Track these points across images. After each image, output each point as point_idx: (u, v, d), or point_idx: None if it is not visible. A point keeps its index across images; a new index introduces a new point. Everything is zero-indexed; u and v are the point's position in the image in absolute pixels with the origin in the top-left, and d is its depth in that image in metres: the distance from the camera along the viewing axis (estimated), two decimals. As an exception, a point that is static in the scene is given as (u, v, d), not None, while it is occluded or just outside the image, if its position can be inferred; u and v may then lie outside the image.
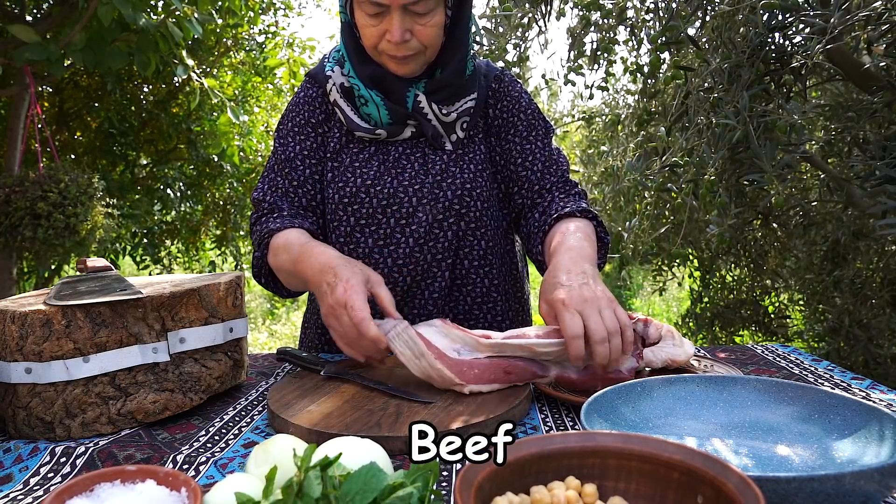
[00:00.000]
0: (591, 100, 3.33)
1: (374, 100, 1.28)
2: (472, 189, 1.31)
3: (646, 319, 1.10)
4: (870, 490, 0.62)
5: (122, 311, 0.99)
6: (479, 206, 1.32)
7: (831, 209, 2.89)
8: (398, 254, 1.31)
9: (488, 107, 1.37)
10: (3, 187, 3.15)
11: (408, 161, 1.32)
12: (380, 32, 1.20)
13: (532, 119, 1.38)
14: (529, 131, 1.37)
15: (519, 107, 1.38)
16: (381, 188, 1.30)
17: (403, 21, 1.17)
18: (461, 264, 1.34)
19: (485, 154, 1.36)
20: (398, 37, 1.17)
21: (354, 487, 0.57)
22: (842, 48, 2.08)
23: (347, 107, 1.31)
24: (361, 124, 1.30)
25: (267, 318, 8.11)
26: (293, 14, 6.02)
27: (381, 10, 1.17)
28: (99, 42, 3.36)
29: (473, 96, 1.32)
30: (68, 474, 0.86)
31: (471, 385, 1.04)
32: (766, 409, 0.87)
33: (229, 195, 5.58)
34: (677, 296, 7.49)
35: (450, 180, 1.31)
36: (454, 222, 1.31)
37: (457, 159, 1.32)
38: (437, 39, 1.23)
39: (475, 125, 1.36)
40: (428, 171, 1.31)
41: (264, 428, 1.01)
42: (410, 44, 1.20)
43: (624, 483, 0.63)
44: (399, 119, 1.29)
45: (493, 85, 1.37)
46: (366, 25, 1.21)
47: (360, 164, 1.32)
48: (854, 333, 2.68)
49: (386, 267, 1.32)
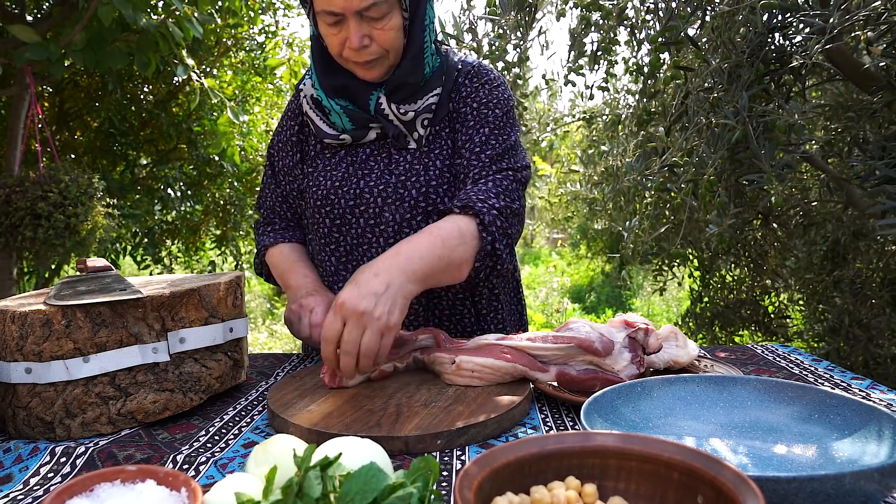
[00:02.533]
0: (592, 100, 3.33)
1: (334, 109, 1.32)
2: (437, 186, 1.31)
3: (646, 329, 1.09)
4: (870, 490, 0.62)
5: (122, 311, 0.99)
6: (447, 202, 1.32)
7: (831, 209, 2.89)
8: (372, 253, 1.34)
9: (451, 101, 1.36)
10: (3, 187, 3.14)
11: (374, 162, 1.34)
12: (341, 40, 1.22)
13: (484, 109, 1.32)
14: (479, 125, 1.31)
15: (475, 98, 1.33)
16: (348, 189, 1.33)
17: (360, 27, 1.19)
18: None
19: (451, 149, 1.35)
20: (356, 42, 1.20)
21: (354, 487, 0.57)
22: (841, 48, 2.08)
23: (316, 116, 1.36)
24: (328, 131, 1.35)
25: (267, 318, 8.11)
26: (293, 14, 6.01)
27: (337, 18, 1.19)
28: (99, 42, 3.36)
29: (436, 92, 1.32)
30: (68, 474, 0.86)
31: (461, 356, 1.05)
32: (766, 409, 0.87)
33: (229, 195, 5.58)
34: (677, 296, 7.49)
35: (413, 178, 1.31)
36: (422, 220, 1.31)
37: (421, 157, 1.33)
38: (397, 42, 1.25)
39: (440, 120, 1.35)
40: (392, 171, 1.33)
41: (264, 428, 1.01)
42: (370, 49, 1.22)
43: (624, 483, 0.63)
44: (361, 123, 1.32)
45: (459, 80, 1.36)
46: (328, 35, 1.24)
47: (330, 168, 1.36)
48: (854, 333, 2.68)
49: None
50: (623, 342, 1.06)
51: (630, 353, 1.06)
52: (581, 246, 8.69)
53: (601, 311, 8.29)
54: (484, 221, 1.18)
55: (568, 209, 5.12)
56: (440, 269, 1.11)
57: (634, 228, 2.95)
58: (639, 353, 1.06)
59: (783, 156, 1.89)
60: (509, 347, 1.07)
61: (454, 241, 1.13)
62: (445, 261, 1.11)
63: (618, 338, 1.06)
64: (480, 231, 1.18)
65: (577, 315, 8.20)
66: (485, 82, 1.36)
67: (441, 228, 1.15)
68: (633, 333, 1.07)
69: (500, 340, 1.09)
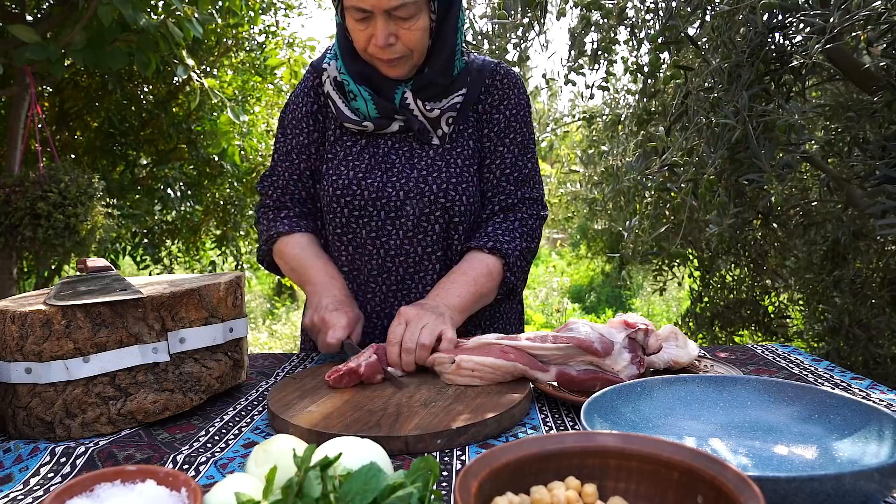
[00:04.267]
0: (592, 99, 3.33)
1: (362, 95, 1.32)
2: (457, 184, 1.34)
3: (646, 329, 1.09)
4: (870, 490, 0.62)
5: (122, 311, 0.99)
6: (465, 200, 1.34)
7: (831, 209, 2.89)
8: (389, 245, 1.35)
9: (479, 102, 1.38)
10: (3, 187, 3.15)
11: (396, 155, 1.35)
12: (367, 36, 1.24)
13: (513, 121, 1.39)
14: (507, 132, 1.38)
15: (507, 104, 1.39)
16: (370, 181, 1.34)
17: (387, 25, 1.21)
18: (451, 257, 1.38)
19: (473, 149, 1.38)
20: (382, 41, 1.21)
21: (354, 487, 0.57)
22: (842, 48, 2.08)
23: (339, 99, 1.35)
24: (350, 116, 1.34)
25: (267, 318, 8.11)
26: (293, 14, 6.02)
27: (366, 15, 1.21)
28: (99, 42, 3.36)
29: (461, 93, 1.34)
30: (68, 474, 0.86)
31: (461, 355, 1.05)
32: (766, 409, 0.87)
33: (229, 195, 5.58)
34: (677, 296, 7.49)
35: (435, 174, 1.33)
36: (440, 215, 1.34)
37: (444, 154, 1.35)
38: (422, 43, 1.26)
39: (464, 120, 1.37)
40: (414, 165, 1.34)
41: (264, 428, 1.01)
42: (395, 47, 1.24)
43: (624, 483, 0.63)
44: (386, 113, 1.33)
45: (487, 80, 1.39)
46: (354, 29, 1.25)
47: (352, 158, 1.36)
48: (854, 333, 2.68)
49: (379, 258, 1.37)
50: (623, 342, 1.06)
51: (630, 354, 1.05)
52: (581, 246, 8.70)
53: (601, 312, 8.29)
54: (509, 262, 1.34)
55: (568, 209, 5.12)
56: (474, 301, 1.29)
57: (634, 228, 2.95)
58: (639, 354, 1.06)
59: (783, 156, 1.89)
60: (509, 347, 1.07)
61: (483, 279, 1.30)
62: (477, 296, 1.29)
63: (618, 338, 1.06)
64: (505, 271, 1.34)
65: (577, 315, 8.20)
66: (514, 85, 1.40)
67: (474, 269, 1.31)
68: (633, 334, 1.07)
69: (501, 340, 1.10)
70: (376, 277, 1.38)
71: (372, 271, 1.37)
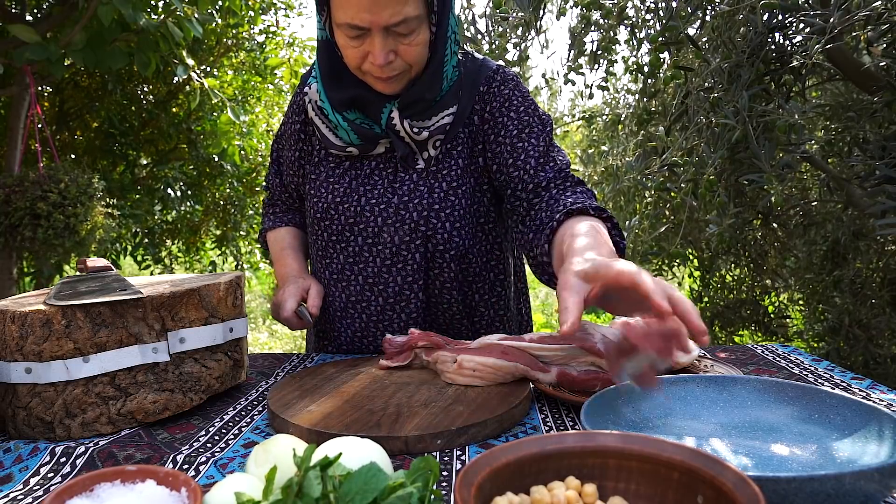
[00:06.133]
0: (592, 99, 3.33)
1: (341, 125, 1.25)
2: (439, 210, 1.26)
3: None
4: (870, 490, 0.62)
5: (122, 311, 0.99)
6: (448, 227, 1.27)
7: (831, 209, 2.89)
8: (367, 273, 1.31)
9: (473, 113, 1.29)
10: (3, 187, 3.15)
11: (378, 178, 1.29)
12: (362, 54, 1.14)
13: (525, 116, 1.28)
14: (521, 129, 1.27)
15: (510, 105, 1.28)
16: (348, 206, 1.29)
17: (386, 42, 1.11)
18: (434, 286, 1.31)
19: (463, 168, 1.29)
20: (382, 59, 1.12)
21: (354, 487, 0.57)
22: (842, 48, 2.08)
23: (323, 125, 1.30)
24: (335, 142, 1.29)
25: (267, 318, 8.10)
26: (293, 14, 6.02)
27: (361, 32, 1.11)
28: (99, 42, 3.36)
29: (452, 111, 1.26)
30: (68, 474, 0.86)
31: (463, 354, 1.05)
32: (766, 409, 0.87)
33: (230, 195, 5.58)
34: (677, 296, 7.47)
35: (416, 201, 1.26)
36: (420, 244, 1.27)
37: (427, 178, 1.27)
38: (422, 57, 1.18)
39: (453, 138, 1.29)
40: (395, 190, 1.28)
41: (264, 428, 1.01)
42: (395, 64, 1.15)
43: (624, 483, 0.63)
44: (370, 139, 1.26)
45: (482, 88, 1.29)
46: (346, 46, 1.15)
47: (333, 180, 1.32)
48: (854, 333, 2.68)
49: (358, 285, 1.32)
50: (623, 342, 1.06)
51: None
52: (581, 246, 8.65)
53: (602, 312, 8.29)
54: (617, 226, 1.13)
55: (568, 209, 5.10)
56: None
57: (634, 228, 2.95)
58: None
59: (783, 156, 1.89)
60: (511, 347, 1.07)
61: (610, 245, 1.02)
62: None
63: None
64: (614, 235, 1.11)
65: (577, 315, 8.15)
66: (509, 86, 1.30)
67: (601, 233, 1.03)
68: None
69: (503, 340, 1.10)
70: (355, 304, 1.33)
71: (350, 297, 1.33)
